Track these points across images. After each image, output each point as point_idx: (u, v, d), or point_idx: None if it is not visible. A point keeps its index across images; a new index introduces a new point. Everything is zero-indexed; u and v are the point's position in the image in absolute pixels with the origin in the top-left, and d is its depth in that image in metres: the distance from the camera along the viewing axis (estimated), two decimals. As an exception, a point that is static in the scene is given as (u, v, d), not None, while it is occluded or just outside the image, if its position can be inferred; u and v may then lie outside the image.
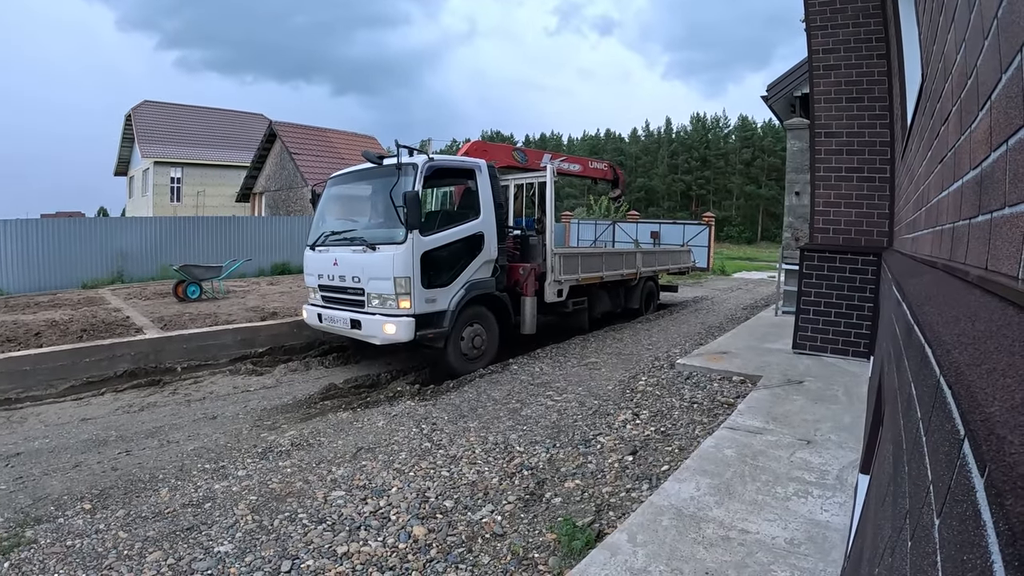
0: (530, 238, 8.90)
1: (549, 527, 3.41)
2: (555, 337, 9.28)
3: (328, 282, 7.59)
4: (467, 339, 7.46)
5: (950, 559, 0.54)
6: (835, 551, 2.68)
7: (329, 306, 7.63)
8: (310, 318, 7.95)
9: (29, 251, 12.94)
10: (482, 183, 7.72)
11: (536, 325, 8.23)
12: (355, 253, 7.18)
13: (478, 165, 7.81)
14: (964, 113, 1.34)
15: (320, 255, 7.79)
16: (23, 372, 6.63)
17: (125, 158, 36.02)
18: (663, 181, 67.44)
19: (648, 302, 12.05)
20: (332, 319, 7.46)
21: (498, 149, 9.53)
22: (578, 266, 9.31)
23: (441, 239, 7.13)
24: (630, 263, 10.95)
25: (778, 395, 5.18)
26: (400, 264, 6.67)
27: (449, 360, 7.26)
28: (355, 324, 7.07)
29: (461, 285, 7.31)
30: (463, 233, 7.42)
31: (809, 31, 6.64)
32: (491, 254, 7.70)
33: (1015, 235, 0.83)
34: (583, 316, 9.75)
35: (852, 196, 6.51)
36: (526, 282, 8.13)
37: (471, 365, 7.44)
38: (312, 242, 8.03)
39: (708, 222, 22.42)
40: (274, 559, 3.20)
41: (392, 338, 6.75)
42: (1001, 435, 0.49)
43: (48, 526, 3.67)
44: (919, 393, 1.02)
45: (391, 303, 6.77)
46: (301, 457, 4.69)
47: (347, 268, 7.24)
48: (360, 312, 7.08)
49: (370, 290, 6.95)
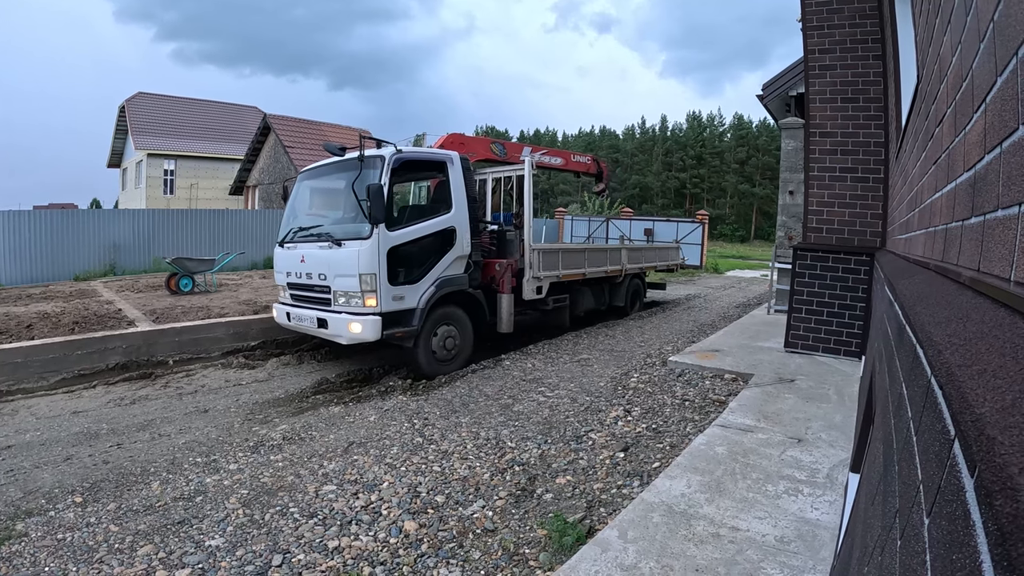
0: (507, 233, 8.62)
1: (540, 523, 3.42)
2: (536, 336, 9.18)
3: (296, 280, 7.39)
4: (439, 338, 7.20)
5: (939, 558, 0.54)
6: (825, 549, 2.69)
7: (297, 304, 7.42)
8: (279, 317, 7.74)
9: (21, 243, 12.86)
10: (454, 176, 7.47)
11: (513, 324, 7.99)
12: (321, 249, 6.96)
13: (449, 157, 7.55)
14: (959, 115, 1.35)
15: (288, 252, 7.59)
16: (14, 364, 6.59)
17: (118, 150, 35.81)
18: (658, 179, 67.48)
19: (634, 300, 11.82)
20: (300, 318, 7.24)
21: (476, 142, 9.27)
22: (558, 262, 9.08)
23: (409, 234, 6.88)
24: (615, 260, 10.73)
25: (770, 393, 5.20)
26: (365, 260, 6.44)
27: (419, 360, 7.00)
28: (322, 323, 6.84)
29: (432, 282, 7.06)
30: (433, 228, 7.16)
31: (805, 31, 6.65)
32: (463, 249, 7.44)
33: (1008, 237, 0.84)
34: (564, 314, 9.51)
35: (846, 196, 6.54)
36: (502, 279, 7.90)
37: (443, 367, 7.16)
38: (281, 238, 7.86)
39: (702, 220, 22.48)
40: (265, 553, 3.20)
41: (358, 337, 6.52)
42: (991, 436, 0.50)
43: (39, 519, 3.66)
44: (910, 393, 1.02)
45: (357, 301, 6.54)
46: (293, 451, 4.68)
47: (314, 265, 7.03)
48: (327, 311, 6.84)
49: (336, 287, 6.72)
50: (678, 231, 22.10)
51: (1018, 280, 0.78)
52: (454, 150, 7.90)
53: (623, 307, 11.22)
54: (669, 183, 67.45)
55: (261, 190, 26.76)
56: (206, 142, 32.25)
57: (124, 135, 33.50)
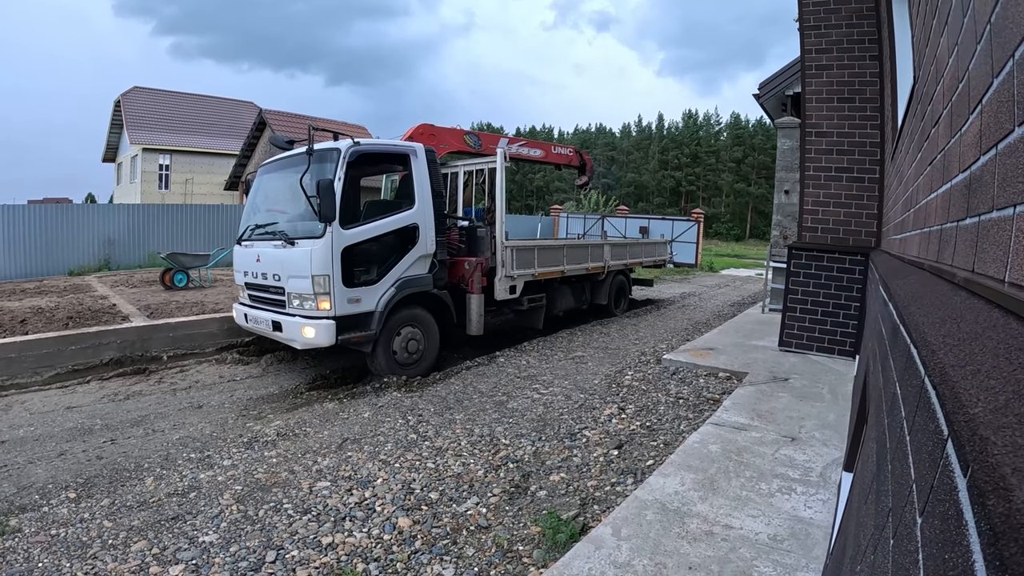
0: (478, 230, 8.19)
1: (534, 520, 3.42)
2: (512, 339, 8.79)
3: (252, 280, 7.04)
4: (401, 340, 6.82)
5: (932, 558, 0.54)
6: (818, 548, 2.70)
7: (254, 305, 7.07)
8: (238, 318, 7.39)
9: (15, 237, 12.80)
10: (418, 169, 7.01)
11: (484, 326, 7.62)
12: (275, 248, 6.60)
13: (412, 150, 7.08)
14: (955, 116, 1.35)
15: (245, 250, 7.22)
16: (8, 359, 6.57)
17: (114, 144, 35.61)
18: (653, 177, 67.46)
19: (618, 298, 11.34)
20: (256, 319, 6.88)
21: (448, 133, 8.69)
22: (534, 260, 8.57)
23: (366, 232, 6.49)
24: (596, 256, 10.22)
25: (764, 392, 5.22)
26: (318, 260, 6.08)
27: (379, 366, 6.68)
28: (276, 326, 6.50)
29: (392, 283, 6.67)
30: (393, 225, 6.74)
31: (802, 31, 6.66)
32: (427, 248, 7.00)
33: (1002, 238, 0.84)
34: (539, 314, 9.01)
35: (841, 196, 6.55)
36: (471, 278, 7.51)
37: (405, 372, 6.77)
38: (239, 235, 7.51)
39: (697, 219, 22.52)
40: (259, 549, 3.20)
41: (312, 343, 6.18)
42: (985, 436, 0.50)
43: (32, 515, 3.64)
44: (904, 393, 1.02)
45: (310, 304, 6.18)
46: (287, 447, 4.68)
47: (268, 265, 6.68)
48: (281, 313, 6.50)
49: (290, 289, 6.36)
50: (673, 229, 22.16)
51: (1012, 281, 0.79)
52: (423, 142, 7.53)
53: (606, 305, 10.81)
54: (665, 181, 67.41)
55: (256, 185, 26.63)
56: (202, 137, 32.10)
57: (119, 129, 33.29)
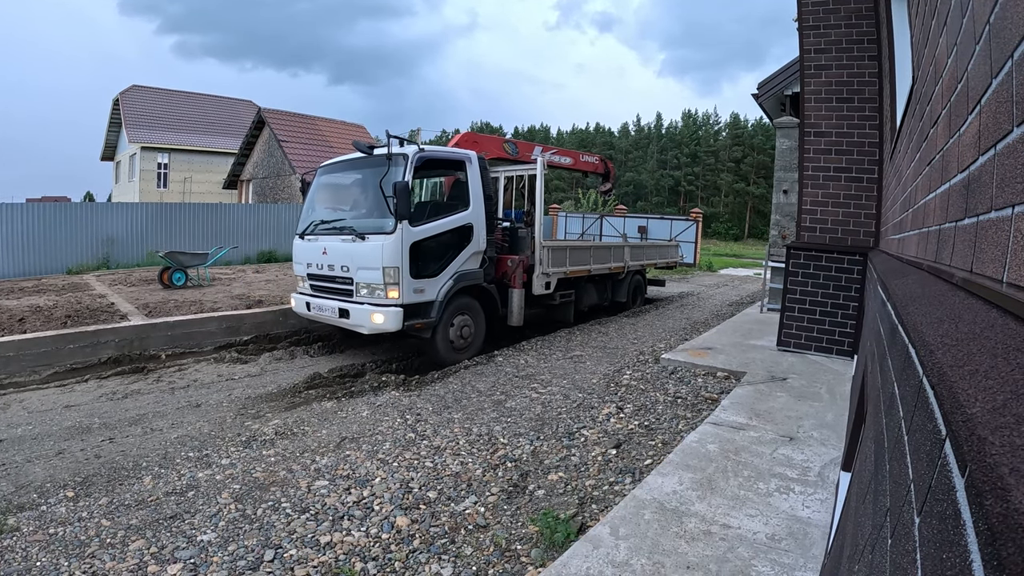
0: (519, 230, 8.93)
1: (532, 519, 3.42)
2: (540, 329, 9.37)
3: (317, 271, 7.61)
4: (455, 329, 7.51)
5: (929, 557, 0.54)
6: (816, 547, 2.71)
7: (318, 295, 7.65)
8: (298, 307, 7.95)
9: (13, 236, 12.77)
10: (472, 175, 7.75)
11: (524, 317, 8.30)
12: (344, 243, 7.20)
13: (468, 157, 7.82)
14: (953, 116, 1.35)
15: (309, 244, 7.79)
16: (6, 358, 6.56)
17: (112, 143, 35.58)
18: (652, 176, 67.50)
19: (635, 295, 12.07)
20: (321, 308, 7.48)
21: (489, 141, 9.49)
22: (566, 259, 9.33)
23: (430, 230, 7.16)
24: (618, 256, 10.97)
25: (762, 391, 5.22)
26: (389, 254, 6.72)
27: (437, 350, 7.32)
28: (343, 313, 7.09)
29: (450, 276, 7.36)
30: (452, 224, 7.44)
31: (801, 30, 6.66)
32: (480, 245, 7.73)
33: (1001, 239, 0.84)
34: (569, 309, 9.77)
35: (840, 196, 6.56)
36: (514, 274, 8.20)
37: (458, 355, 7.49)
38: (301, 231, 8.03)
39: (696, 218, 22.49)
40: (257, 548, 3.20)
41: (380, 328, 6.79)
42: (982, 436, 0.50)
43: (31, 513, 3.64)
44: (902, 393, 1.03)
45: (379, 293, 6.82)
46: (285, 446, 4.67)
47: (336, 257, 7.27)
48: (348, 301, 7.10)
49: (359, 279, 6.99)
50: (672, 229, 22.11)
51: (1011, 281, 0.79)
52: (468, 148, 8.20)
53: (625, 302, 11.49)
54: (664, 181, 67.43)
55: (255, 184, 26.65)
56: (200, 136, 32.08)
57: (118, 128, 33.26)
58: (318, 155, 24.55)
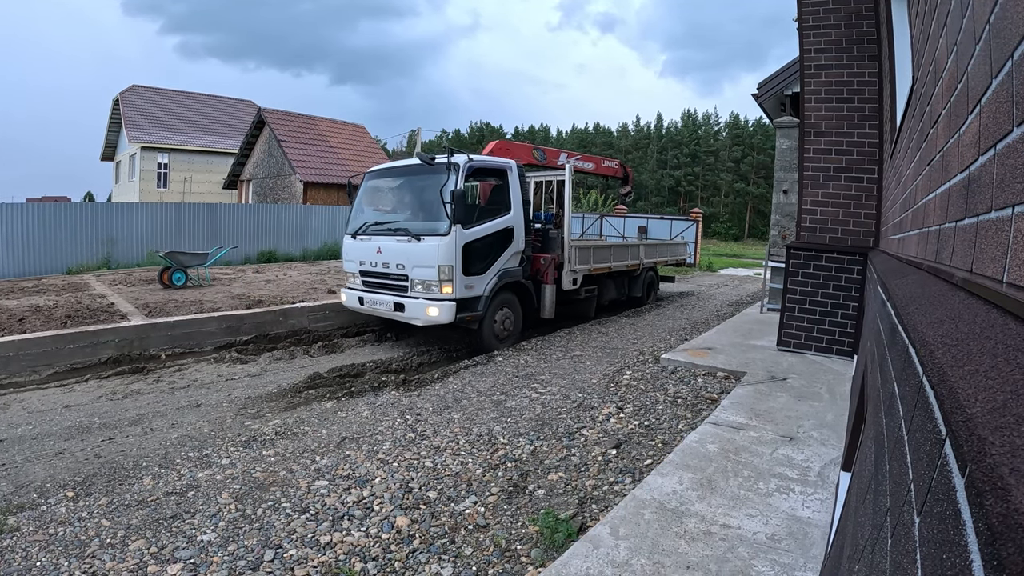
0: (549, 231, 9.66)
1: (532, 519, 3.42)
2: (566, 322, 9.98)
3: (371, 268, 8.24)
4: (499, 321, 8.25)
5: (929, 557, 0.54)
6: (816, 547, 2.71)
7: (370, 290, 8.28)
8: (349, 301, 8.60)
9: (13, 236, 12.77)
10: (513, 182, 8.44)
11: (553, 310, 9.03)
12: (400, 243, 7.86)
13: (510, 165, 8.52)
14: (953, 116, 1.35)
15: (362, 243, 8.42)
16: (6, 358, 6.56)
17: (112, 143, 35.58)
18: (652, 176, 67.45)
19: (649, 291, 12.84)
20: (375, 302, 8.12)
21: (520, 148, 10.09)
22: (591, 257, 10.05)
23: (479, 232, 7.84)
24: (634, 255, 11.71)
25: (762, 392, 5.22)
26: (444, 253, 7.42)
27: (483, 340, 8.04)
28: (398, 307, 7.77)
29: (495, 273, 8.07)
30: (497, 227, 8.14)
31: (801, 30, 6.66)
32: (519, 246, 8.45)
33: (1001, 239, 0.84)
34: (592, 303, 10.49)
35: (840, 196, 6.56)
36: (547, 271, 8.92)
37: (500, 344, 8.22)
38: (353, 231, 8.63)
39: (696, 218, 22.48)
40: (257, 548, 3.20)
41: (434, 320, 7.45)
42: (982, 436, 0.50)
43: (31, 513, 3.64)
44: (902, 393, 1.03)
45: (434, 288, 7.51)
46: (285, 446, 4.67)
47: (391, 256, 7.93)
48: (403, 296, 7.77)
49: (414, 276, 7.67)
50: (672, 229, 22.08)
51: (1011, 281, 0.79)
52: (502, 155, 9.06)
53: (640, 297, 12.28)
54: (664, 181, 67.40)
55: (255, 184, 26.64)
56: (200, 136, 32.08)
57: (118, 128, 33.25)
58: (318, 155, 24.57)
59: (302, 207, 18.97)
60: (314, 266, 15.44)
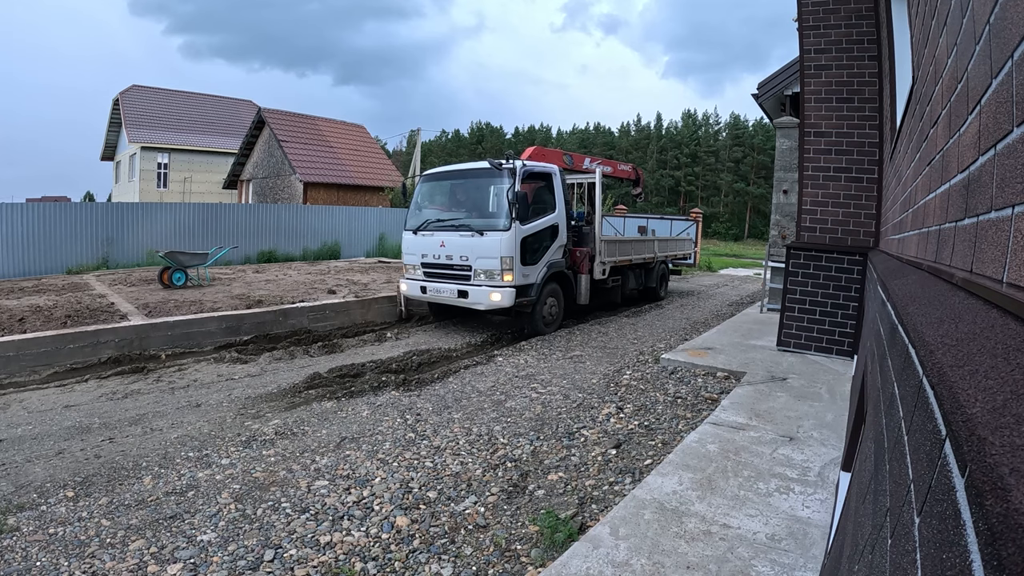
0: (583, 227, 10.59)
1: (532, 519, 3.42)
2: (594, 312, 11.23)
3: (434, 260, 9.17)
4: (547, 307, 9.22)
5: (929, 557, 0.54)
6: (816, 547, 2.71)
7: (433, 280, 9.19)
8: (411, 291, 9.54)
9: (13, 236, 12.77)
10: (557, 184, 9.50)
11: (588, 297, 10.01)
12: (463, 237, 8.80)
13: (554, 170, 9.60)
14: (953, 116, 1.35)
15: (423, 238, 9.34)
16: (6, 358, 6.55)
17: (112, 143, 35.56)
18: (652, 176, 67.45)
19: (662, 282, 14.10)
20: (439, 291, 9.09)
21: (552, 154, 10.94)
22: (616, 250, 11.21)
23: (533, 228, 8.83)
24: (650, 249, 13.04)
25: (762, 392, 5.22)
26: (506, 246, 8.43)
27: (535, 323, 9.01)
28: (462, 294, 8.74)
29: (544, 264, 9.07)
30: (546, 224, 9.14)
31: (801, 31, 6.66)
32: (563, 240, 9.49)
33: (1001, 239, 0.84)
34: (618, 292, 11.60)
35: (839, 196, 6.56)
36: (582, 263, 9.91)
37: (547, 328, 9.22)
38: (415, 227, 9.55)
39: (696, 218, 22.48)
40: (257, 548, 3.20)
41: (497, 304, 8.44)
42: (982, 436, 0.50)
43: (30, 513, 3.64)
44: (902, 393, 1.03)
45: (497, 277, 8.48)
46: (285, 446, 4.67)
47: (455, 249, 8.88)
48: (467, 284, 8.72)
49: (477, 267, 8.63)
50: (672, 229, 22.06)
51: (1010, 281, 0.79)
52: (537, 160, 9.98)
53: (655, 287, 13.47)
54: (664, 181, 67.44)
55: (255, 184, 26.63)
56: (200, 136, 32.07)
57: (118, 128, 33.23)
58: (318, 155, 24.56)
59: (302, 207, 18.96)
60: (314, 266, 15.44)
